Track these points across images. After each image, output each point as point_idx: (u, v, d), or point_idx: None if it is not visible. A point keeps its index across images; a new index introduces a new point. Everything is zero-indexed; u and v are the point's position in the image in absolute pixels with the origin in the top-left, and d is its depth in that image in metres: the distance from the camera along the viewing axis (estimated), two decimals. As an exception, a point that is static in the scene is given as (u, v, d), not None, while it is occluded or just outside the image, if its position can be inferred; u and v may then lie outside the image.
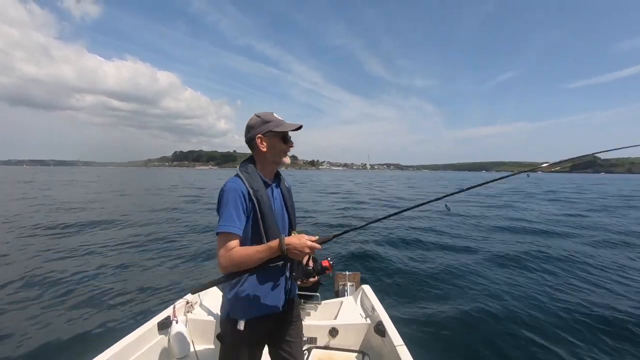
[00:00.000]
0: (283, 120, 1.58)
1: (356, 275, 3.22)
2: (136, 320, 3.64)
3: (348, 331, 2.50)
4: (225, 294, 1.56)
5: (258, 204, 1.47)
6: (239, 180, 1.49)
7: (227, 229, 1.39)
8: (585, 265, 6.16)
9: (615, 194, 27.14)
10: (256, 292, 1.51)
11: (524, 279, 5.43)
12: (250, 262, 1.38)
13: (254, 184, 1.48)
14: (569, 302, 4.43)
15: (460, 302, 4.45)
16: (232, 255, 1.37)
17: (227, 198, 1.43)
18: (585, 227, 10.64)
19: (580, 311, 4.16)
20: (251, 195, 1.46)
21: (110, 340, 2.00)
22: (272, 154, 1.56)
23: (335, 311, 2.78)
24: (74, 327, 3.71)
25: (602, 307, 4.27)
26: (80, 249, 7.04)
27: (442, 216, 11.92)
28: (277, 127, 1.54)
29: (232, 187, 1.45)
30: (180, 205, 15.54)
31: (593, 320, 3.92)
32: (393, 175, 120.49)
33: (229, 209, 1.41)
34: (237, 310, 1.49)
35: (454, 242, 8.26)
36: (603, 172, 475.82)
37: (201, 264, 6.16)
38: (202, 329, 2.52)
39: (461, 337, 3.63)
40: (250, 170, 1.53)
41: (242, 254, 1.38)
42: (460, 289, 4.97)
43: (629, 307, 4.27)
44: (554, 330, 3.74)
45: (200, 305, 2.74)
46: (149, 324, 2.26)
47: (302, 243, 1.38)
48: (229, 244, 1.38)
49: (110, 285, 4.91)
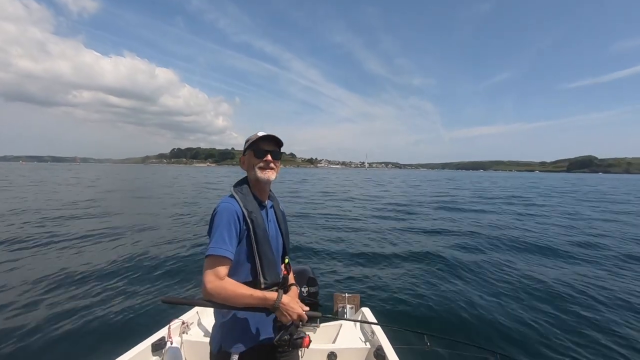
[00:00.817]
0: (265, 134, 1.52)
1: (356, 298, 3.09)
2: (128, 341, 3.25)
3: (347, 356, 2.42)
4: (218, 321, 1.48)
5: (252, 226, 1.42)
6: (234, 200, 1.45)
7: (217, 251, 1.32)
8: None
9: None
10: (251, 321, 1.45)
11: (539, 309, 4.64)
12: (238, 302, 1.33)
13: (248, 205, 1.44)
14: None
15: (464, 329, 3.99)
16: (224, 287, 1.30)
17: (220, 219, 1.38)
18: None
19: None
20: (246, 216, 1.41)
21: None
22: (249, 171, 1.54)
23: (334, 334, 2.70)
24: (62, 348, 3.37)
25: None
26: (70, 257, 6.48)
27: (453, 232, 10.73)
28: (249, 141, 1.53)
29: (226, 207, 1.40)
30: (185, 211, 14.04)
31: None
32: (394, 174, 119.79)
33: (220, 230, 1.35)
34: (230, 342, 1.43)
35: (466, 261, 6.64)
36: (600, 172, 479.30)
37: (198, 282, 5.36)
38: (197, 351, 2.42)
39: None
40: (245, 191, 1.50)
41: (235, 291, 1.31)
42: (465, 317, 4.25)
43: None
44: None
45: (197, 326, 2.66)
46: (142, 345, 2.20)
47: (295, 310, 1.38)
48: (218, 269, 1.31)
49: (102, 302, 4.40)
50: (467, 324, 4.06)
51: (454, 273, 5.81)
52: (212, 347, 1.48)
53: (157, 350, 2.22)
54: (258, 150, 1.50)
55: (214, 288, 1.29)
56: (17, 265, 5.75)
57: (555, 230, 10.02)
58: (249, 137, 1.55)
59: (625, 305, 4.56)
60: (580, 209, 15.84)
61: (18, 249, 6.74)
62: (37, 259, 6.16)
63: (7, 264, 5.79)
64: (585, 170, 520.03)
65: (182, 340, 2.46)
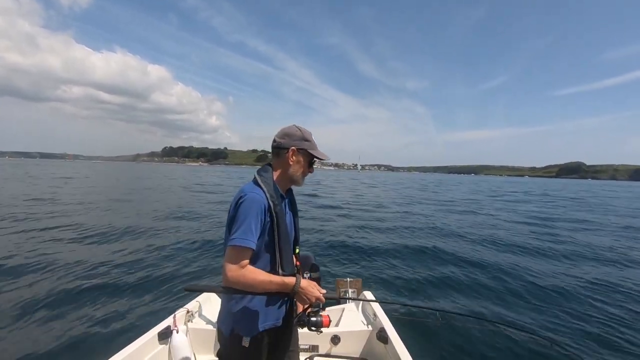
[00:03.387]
0: (317, 145, 1.56)
1: (358, 282, 3.15)
2: (135, 330, 3.36)
3: (350, 338, 2.48)
4: (230, 308, 1.48)
5: (277, 219, 1.41)
6: (260, 191, 1.41)
7: (244, 242, 1.32)
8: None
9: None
10: (265, 307, 1.47)
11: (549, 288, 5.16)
12: (258, 288, 1.36)
13: (274, 197, 1.42)
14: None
15: (465, 310, 4.27)
16: (244, 275, 1.32)
17: (248, 209, 1.35)
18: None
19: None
20: (271, 209, 1.40)
21: (108, 351, 1.94)
22: (294, 172, 1.51)
23: (337, 318, 2.75)
24: (69, 338, 3.41)
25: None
26: (75, 251, 6.62)
27: (462, 222, 11.77)
28: (312, 150, 1.51)
29: (254, 198, 1.38)
30: (187, 206, 14.21)
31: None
32: (386, 176, 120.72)
33: (249, 221, 1.34)
34: (243, 326, 1.45)
35: (465, 249, 7.66)
36: (589, 177, 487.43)
37: (202, 272, 5.64)
38: (203, 339, 2.48)
39: (467, 346, 3.46)
40: (270, 182, 1.46)
41: (256, 278, 1.34)
42: (467, 297, 4.76)
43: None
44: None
45: (201, 315, 2.69)
46: (149, 334, 2.22)
47: (313, 293, 1.40)
48: (241, 259, 1.33)
49: (109, 292, 4.54)
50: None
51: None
52: (223, 331, 1.50)
53: (163, 339, 2.26)
54: (312, 162, 1.56)
55: (235, 276, 1.32)
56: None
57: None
58: (306, 132, 1.53)
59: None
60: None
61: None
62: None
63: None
64: (574, 176, 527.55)
65: (187, 328, 2.50)
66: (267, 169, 1.51)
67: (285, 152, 1.48)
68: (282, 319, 1.55)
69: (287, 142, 1.48)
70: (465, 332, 3.62)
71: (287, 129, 1.52)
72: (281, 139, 1.50)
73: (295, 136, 1.49)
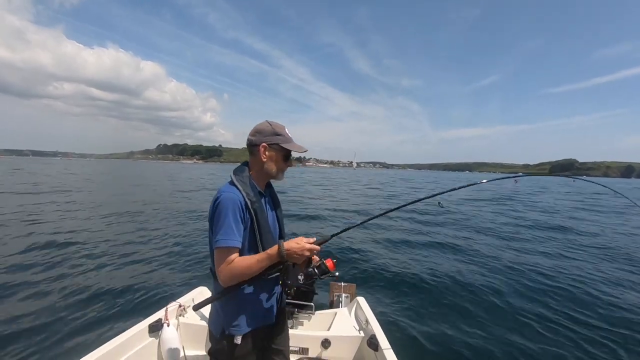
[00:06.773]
0: (292, 138, 1.54)
1: (352, 287, 3.18)
2: (126, 322, 3.59)
3: (341, 343, 2.48)
4: (219, 308, 1.50)
5: (255, 215, 1.43)
6: (235, 189, 1.43)
7: (228, 243, 1.34)
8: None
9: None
10: (254, 304, 1.50)
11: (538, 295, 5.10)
12: (251, 273, 1.37)
13: (251, 195, 1.43)
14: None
15: (457, 320, 4.25)
16: (232, 269, 1.34)
17: (225, 208, 1.36)
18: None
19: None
20: (249, 206, 1.41)
21: (99, 340, 2.02)
22: (270, 167, 1.51)
23: (328, 322, 2.75)
24: (61, 326, 3.61)
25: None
26: (70, 244, 6.83)
27: (453, 227, 11.26)
28: (284, 143, 1.50)
29: (229, 197, 1.39)
30: (181, 203, 14.78)
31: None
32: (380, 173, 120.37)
33: (228, 220, 1.35)
34: (233, 325, 1.46)
35: (459, 255, 7.52)
36: (582, 175, 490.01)
37: (195, 267, 5.95)
38: (193, 334, 2.49)
39: (457, 356, 3.47)
40: (246, 179, 1.48)
41: (243, 265, 1.35)
42: (460, 306, 4.69)
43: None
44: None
45: (194, 310, 2.76)
46: (139, 326, 2.25)
47: (301, 246, 1.38)
48: (229, 259, 1.35)
49: (102, 283, 4.79)
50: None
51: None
52: (213, 331, 1.52)
53: (153, 331, 2.28)
54: (289, 155, 1.55)
55: (227, 274, 1.35)
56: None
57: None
58: (278, 127, 1.51)
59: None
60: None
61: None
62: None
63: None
64: (567, 173, 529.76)
65: (178, 322, 2.52)
66: (242, 169, 1.52)
67: (257, 149, 1.49)
68: (272, 318, 1.58)
69: (257, 139, 1.49)
70: (459, 343, 3.64)
71: (259, 126, 1.52)
72: (252, 137, 1.50)
73: (266, 132, 1.49)
